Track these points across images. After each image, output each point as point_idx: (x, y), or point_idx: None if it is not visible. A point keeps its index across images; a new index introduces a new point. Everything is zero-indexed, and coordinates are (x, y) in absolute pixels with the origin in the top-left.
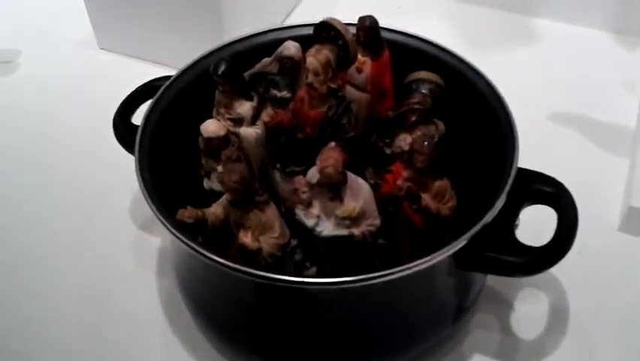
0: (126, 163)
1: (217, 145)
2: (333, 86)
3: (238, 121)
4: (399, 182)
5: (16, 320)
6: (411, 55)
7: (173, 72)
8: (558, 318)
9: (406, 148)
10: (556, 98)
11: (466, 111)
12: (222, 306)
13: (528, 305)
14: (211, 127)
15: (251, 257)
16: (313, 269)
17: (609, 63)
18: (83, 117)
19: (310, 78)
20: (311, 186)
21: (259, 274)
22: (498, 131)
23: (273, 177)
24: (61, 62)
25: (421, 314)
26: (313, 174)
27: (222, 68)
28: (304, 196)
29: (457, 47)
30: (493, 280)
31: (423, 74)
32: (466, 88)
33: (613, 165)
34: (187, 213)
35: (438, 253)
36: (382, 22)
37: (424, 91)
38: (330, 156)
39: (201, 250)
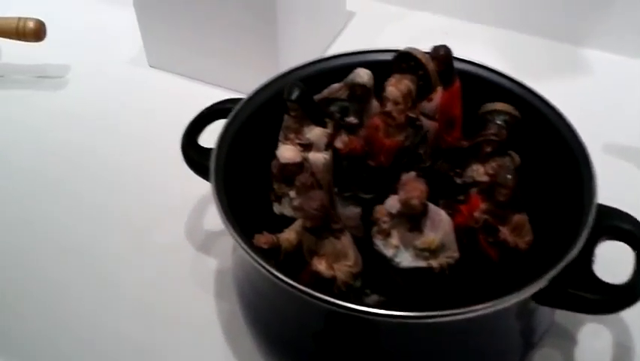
0: (179, 183)
1: (292, 171)
2: (412, 115)
3: (307, 146)
4: (476, 214)
5: (71, 342)
6: (479, 85)
7: (223, 92)
8: (622, 354)
9: (480, 179)
10: (608, 130)
11: (537, 144)
12: (289, 332)
13: (591, 340)
14: (288, 153)
15: (324, 284)
16: (374, 297)
17: None
18: (131, 135)
19: (389, 107)
20: (391, 215)
21: (341, 305)
22: (571, 165)
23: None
24: (109, 78)
25: (491, 352)
26: (393, 204)
27: (296, 93)
28: (385, 226)
29: None
30: (557, 314)
31: (499, 105)
32: (537, 120)
33: None
34: (263, 239)
35: (520, 293)
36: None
37: (499, 122)
38: (416, 188)
39: (283, 278)
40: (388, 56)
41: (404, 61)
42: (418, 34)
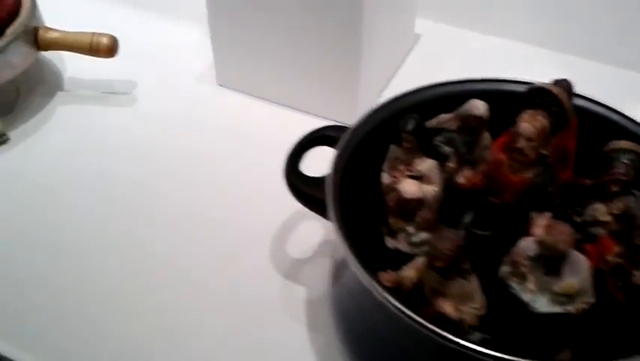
0: (252, 208)
1: (414, 207)
2: (544, 152)
3: (417, 178)
4: (609, 257)
5: None
6: (588, 120)
7: (293, 114)
8: None
9: (603, 218)
10: None
11: None
12: None
13: None
14: (411, 188)
15: (446, 325)
16: (476, 335)
17: None
18: (200, 155)
19: (521, 143)
20: (528, 258)
21: (483, 352)
22: None
23: None
24: (176, 96)
25: None
26: (529, 246)
27: (412, 124)
28: (524, 270)
29: None
30: None
31: (623, 144)
32: None
33: None
34: (387, 277)
35: None
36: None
37: (625, 161)
38: (563, 231)
39: (417, 318)
40: (493, 86)
41: (537, 96)
42: (480, 61)
